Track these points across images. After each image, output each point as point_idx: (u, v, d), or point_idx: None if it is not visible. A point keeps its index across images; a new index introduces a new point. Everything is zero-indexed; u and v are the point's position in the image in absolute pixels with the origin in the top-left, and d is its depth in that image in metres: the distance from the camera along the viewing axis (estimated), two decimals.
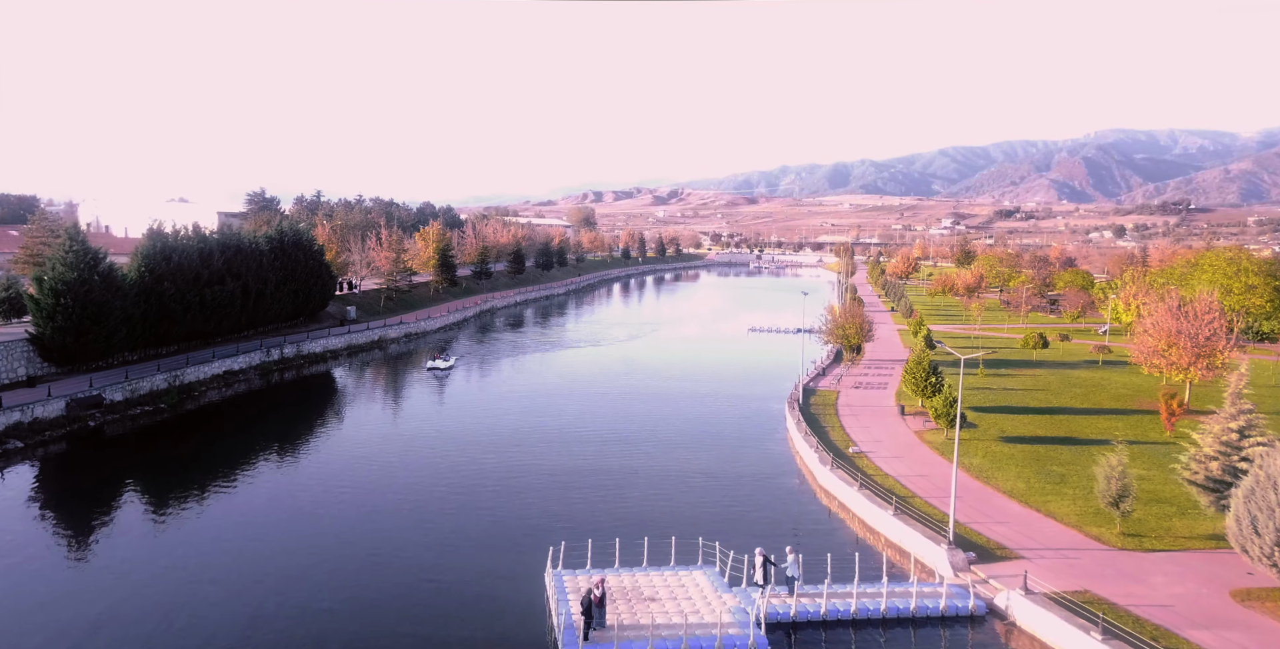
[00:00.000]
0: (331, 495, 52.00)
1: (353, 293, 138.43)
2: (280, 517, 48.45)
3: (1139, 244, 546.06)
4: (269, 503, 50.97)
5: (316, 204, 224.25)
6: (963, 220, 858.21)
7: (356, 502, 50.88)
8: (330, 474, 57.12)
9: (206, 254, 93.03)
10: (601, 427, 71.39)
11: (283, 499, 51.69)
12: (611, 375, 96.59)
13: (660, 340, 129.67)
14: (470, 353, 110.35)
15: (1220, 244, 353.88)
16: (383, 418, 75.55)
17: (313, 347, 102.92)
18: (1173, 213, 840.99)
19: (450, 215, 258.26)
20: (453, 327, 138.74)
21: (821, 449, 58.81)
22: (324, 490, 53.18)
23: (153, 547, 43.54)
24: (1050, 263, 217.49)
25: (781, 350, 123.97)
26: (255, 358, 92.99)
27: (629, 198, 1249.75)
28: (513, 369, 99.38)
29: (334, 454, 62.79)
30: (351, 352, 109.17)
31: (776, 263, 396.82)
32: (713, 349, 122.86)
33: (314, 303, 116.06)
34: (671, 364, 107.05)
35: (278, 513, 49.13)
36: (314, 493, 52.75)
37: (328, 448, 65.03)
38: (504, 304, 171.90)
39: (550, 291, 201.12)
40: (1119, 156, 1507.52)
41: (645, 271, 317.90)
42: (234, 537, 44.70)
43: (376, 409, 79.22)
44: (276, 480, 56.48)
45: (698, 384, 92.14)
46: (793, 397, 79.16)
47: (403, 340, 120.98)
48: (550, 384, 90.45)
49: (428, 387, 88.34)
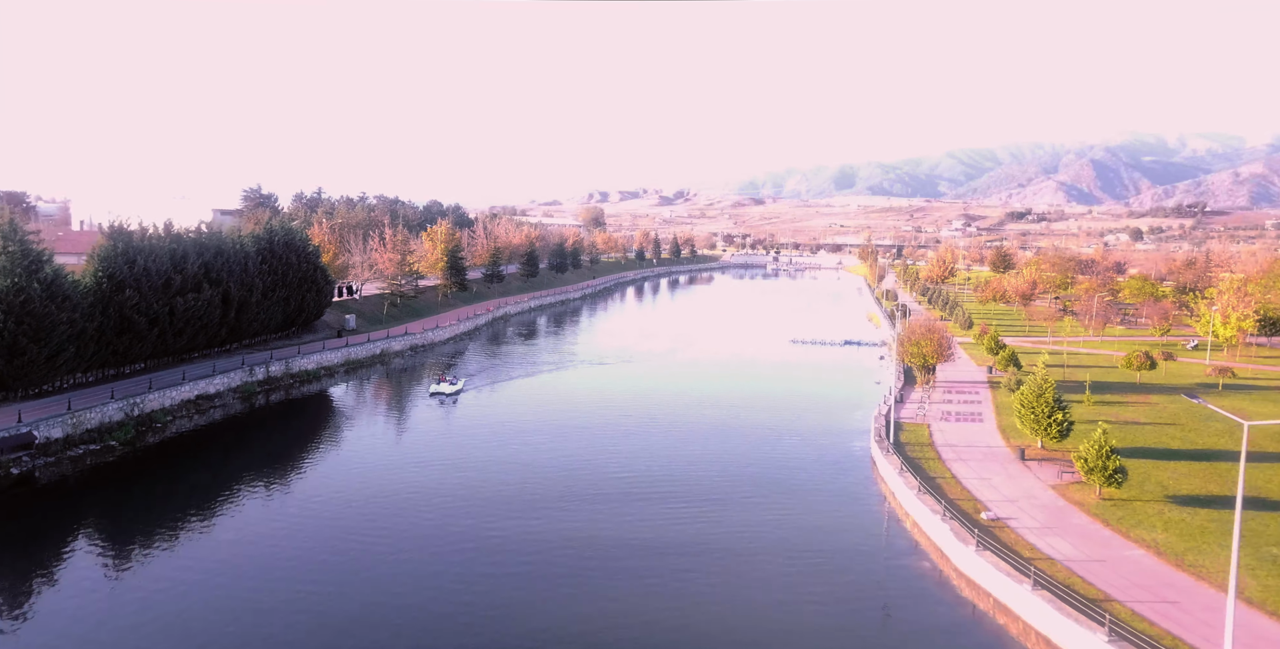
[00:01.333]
0: (297, 575, 38.76)
1: (352, 299, 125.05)
2: (240, 584, 38.71)
3: (1188, 247, 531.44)
4: (227, 564, 40.93)
5: (317, 201, 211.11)
6: (973, 222, 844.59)
7: (321, 588, 37.64)
8: (303, 538, 44.31)
9: (180, 257, 79.67)
10: (639, 477, 57.89)
11: (243, 563, 41.18)
12: (647, 403, 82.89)
13: (697, 355, 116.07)
14: (480, 372, 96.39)
15: (1247, 248, 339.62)
16: (373, 461, 61.76)
17: (304, 363, 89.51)
18: (1188, 215, 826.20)
19: (459, 214, 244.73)
20: (463, 337, 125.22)
21: (952, 516, 45.28)
22: (293, 557, 40.82)
23: (87, 620, 34.40)
24: (1103, 267, 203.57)
25: (833, 366, 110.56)
26: (235, 378, 79.56)
27: (635, 198, 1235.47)
28: (529, 395, 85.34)
29: (312, 509, 49.71)
30: (350, 368, 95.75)
31: (795, 265, 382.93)
32: (757, 365, 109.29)
33: (308, 311, 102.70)
34: (714, 386, 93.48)
35: (237, 579, 39.27)
36: (281, 559, 40.55)
37: (305, 498, 51.86)
38: (517, 310, 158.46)
39: (565, 296, 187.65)
40: (1127, 159, 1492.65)
41: (661, 274, 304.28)
42: (187, 606, 36.36)
43: (367, 448, 65.50)
44: (238, 538, 44.85)
45: (750, 413, 78.65)
46: (878, 432, 65.69)
47: (408, 354, 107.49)
48: (573, 415, 76.75)
49: (430, 417, 74.65)
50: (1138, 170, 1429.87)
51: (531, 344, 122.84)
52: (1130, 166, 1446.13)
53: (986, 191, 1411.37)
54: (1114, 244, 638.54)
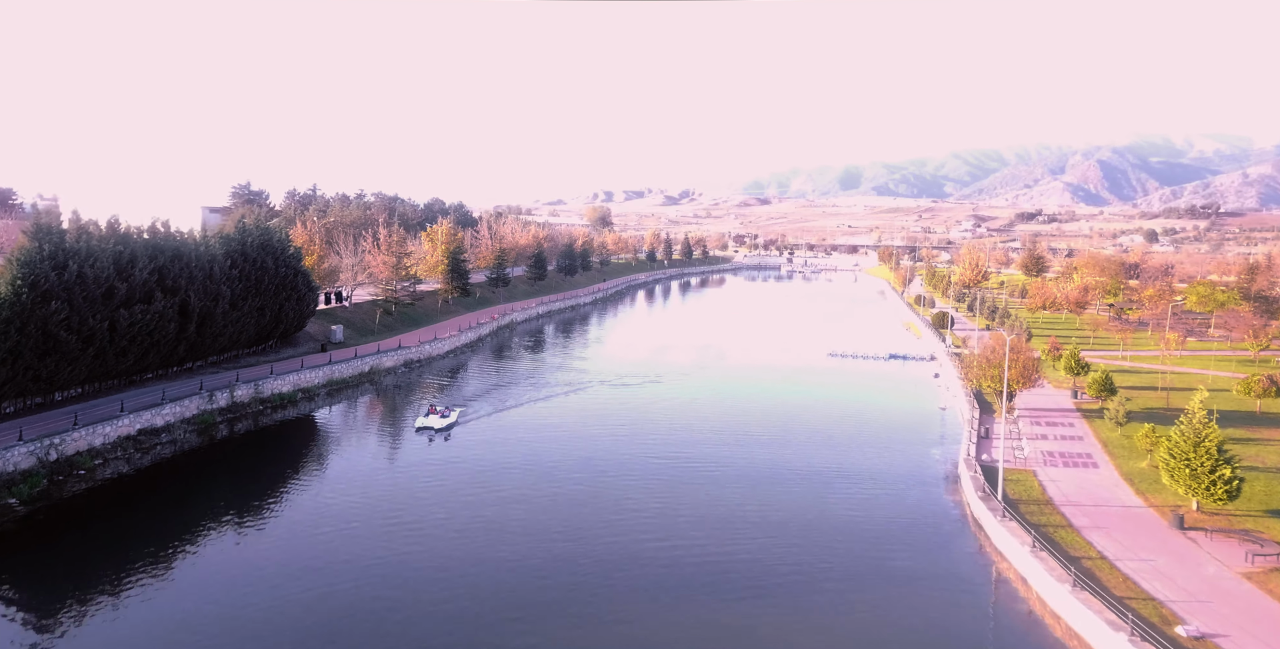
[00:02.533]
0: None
1: (341, 306, 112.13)
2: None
3: (1206, 249, 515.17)
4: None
5: (311, 199, 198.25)
6: (983, 223, 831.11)
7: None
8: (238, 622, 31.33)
9: (126, 261, 66.81)
10: (671, 551, 44.89)
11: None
12: (680, 440, 69.56)
13: (728, 371, 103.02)
14: (479, 396, 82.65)
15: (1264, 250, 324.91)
16: (336, 526, 48.83)
17: (278, 385, 76.56)
18: (1201, 217, 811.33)
19: (462, 213, 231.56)
20: (464, 349, 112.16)
21: (1141, 633, 32.28)
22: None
23: None
24: (1152, 272, 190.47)
25: (883, 385, 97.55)
26: (191, 406, 66.63)
27: (640, 198, 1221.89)
28: (537, 428, 71.39)
29: (247, 587, 36.66)
30: (332, 389, 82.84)
31: (810, 266, 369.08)
32: (798, 384, 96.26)
33: (287, 322, 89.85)
34: (756, 413, 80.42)
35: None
36: None
37: (241, 571, 38.77)
38: (524, 317, 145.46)
39: (576, 300, 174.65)
40: (1134, 160, 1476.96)
41: (673, 276, 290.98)
42: None
43: (332, 504, 52.35)
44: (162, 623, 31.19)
45: (806, 450, 65.76)
46: (977, 485, 52.72)
47: (400, 371, 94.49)
48: (591, 457, 63.42)
49: (414, 460, 60.88)
50: (1145, 171, 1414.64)
51: (540, 358, 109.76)
52: (1138, 167, 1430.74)
53: (993, 192, 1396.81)
54: (1128, 246, 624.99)
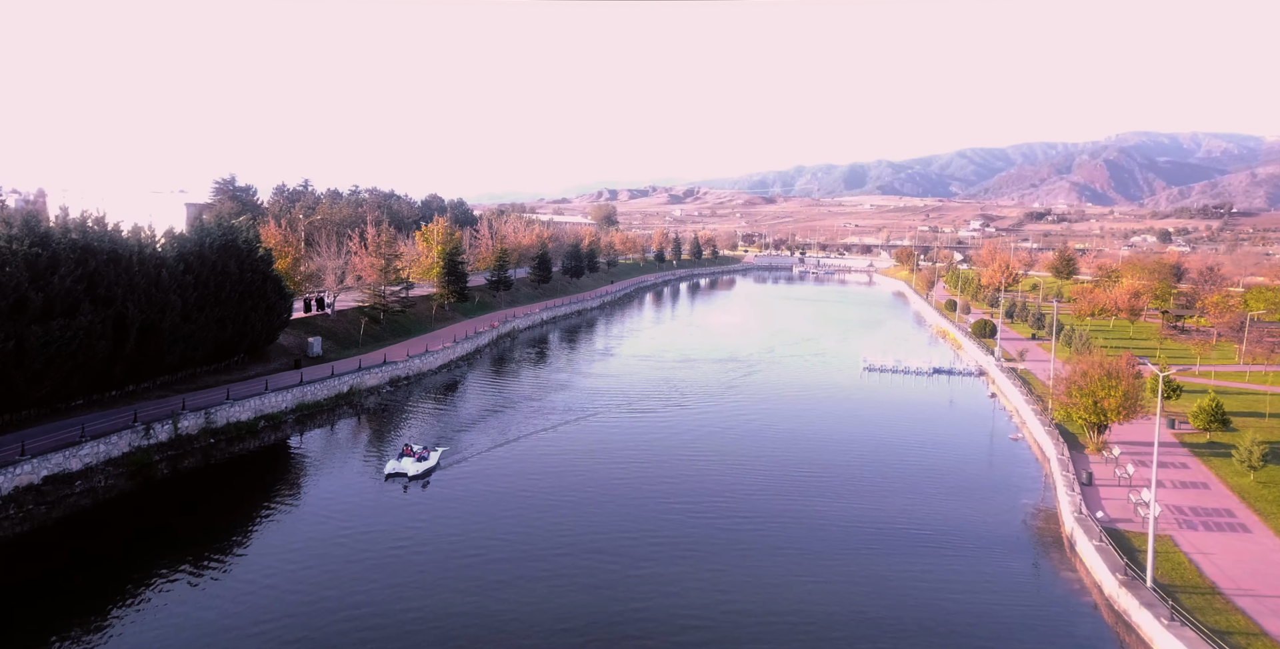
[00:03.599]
0: None
1: (323, 315, 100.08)
2: None
3: (1223, 249, 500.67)
4: None
5: (300, 194, 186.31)
6: (991, 222, 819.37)
7: None
8: None
9: (44, 266, 54.94)
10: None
11: None
12: (715, 489, 57.71)
13: (757, 390, 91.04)
14: (470, 426, 69.88)
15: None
16: (260, 618, 36.93)
17: (235, 412, 64.60)
18: (1213, 216, 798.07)
19: (462, 210, 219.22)
20: (459, 363, 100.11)
21: None
22: None
23: None
24: (1197, 274, 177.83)
25: (934, 408, 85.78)
26: (120, 443, 54.70)
27: (644, 196, 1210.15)
28: (535, 471, 58.23)
29: None
30: (303, 414, 70.85)
31: (822, 267, 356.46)
32: (838, 408, 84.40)
33: (254, 335, 77.90)
34: (799, 446, 68.58)
35: None
36: None
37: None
38: (527, 324, 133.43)
39: (582, 304, 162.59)
40: (1141, 159, 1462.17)
41: (683, 277, 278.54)
42: None
43: (265, 586, 40.52)
44: None
45: (868, 500, 54.08)
46: (1106, 557, 40.84)
47: (385, 390, 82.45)
48: (600, 510, 51.65)
49: (379, 519, 48.58)
50: (1152, 171, 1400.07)
51: (544, 374, 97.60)
52: (1145, 167, 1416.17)
53: (998, 191, 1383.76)
54: (1141, 246, 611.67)
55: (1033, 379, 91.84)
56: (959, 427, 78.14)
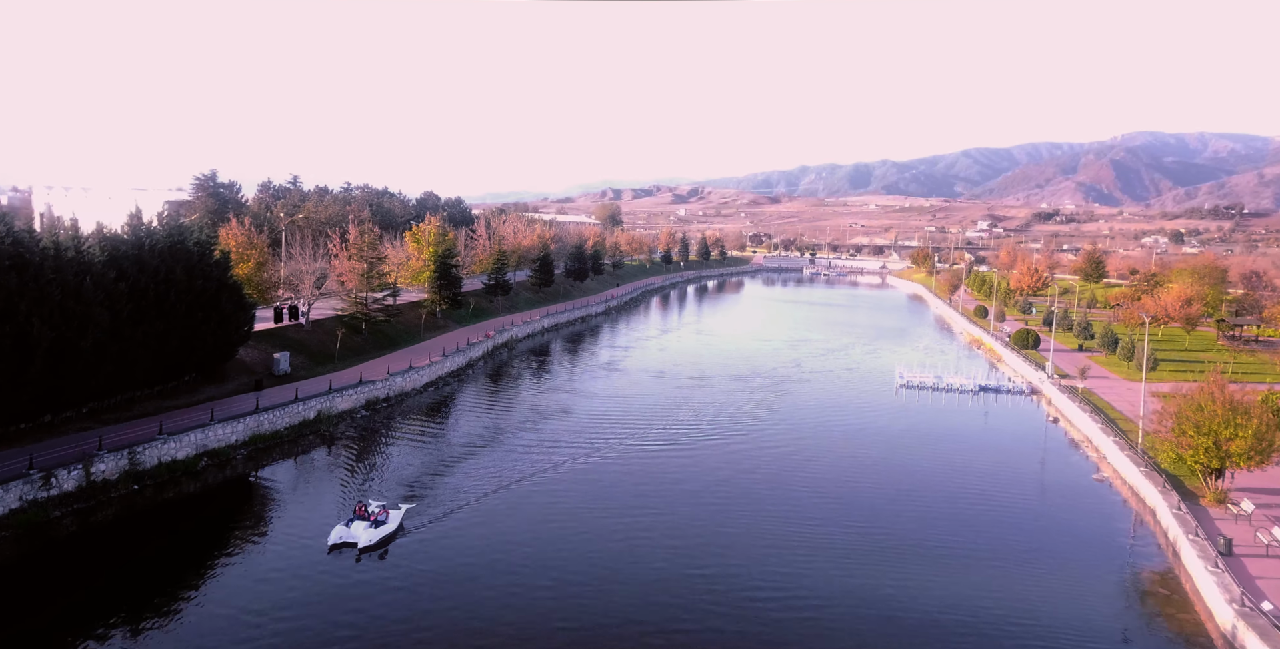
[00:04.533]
0: None
1: (297, 325, 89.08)
2: None
3: (1238, 251, 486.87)
4: None
5: (286, 191, 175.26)
6: (999, 223, 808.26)
7: None
8: None
9: None
10: None
11: None
12: (740, 560, 47.14)
13: (788, 415, 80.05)
14: (446, 467, 58.01)
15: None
16: None
17: (171, 449, 53.67)
18: (1225, 217, 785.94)
19: (459, 209, 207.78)
20: (448, 379, 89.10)
21: None
22: None
23: None
24: (1245, 278, 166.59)
25: (991, 437, 74.39)
26: (8, 497, 43.78)
27: (648, 195, 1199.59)
28: (526, 535, 46.47)
29: None
30: (257, 449, 59.91)
31: (834, 269, 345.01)
32: (879, 436, 73.34)
33: (205, 352, 66.97)
34: (837, 494, 57.78)
35: None
36: None
37: None
38: (526, 332, 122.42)
39: (587, 310, 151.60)
40: (1148, 159, 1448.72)
41: (690, 279, 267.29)
42: None
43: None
44: None
45: (950, 575, 42.95)
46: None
47: (360, 415, 71.39)
48: (610, 594, 41.02)
49: (316, 612, 37.74)
50: (1158, 171, 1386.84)
51: (544, 394, 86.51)
52: (1151, 167, 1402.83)
53: (1004, 191, 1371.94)
54: (1153, 247, 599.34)
55: (1100, 402, 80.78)
56: (1023, 461, 67.18)
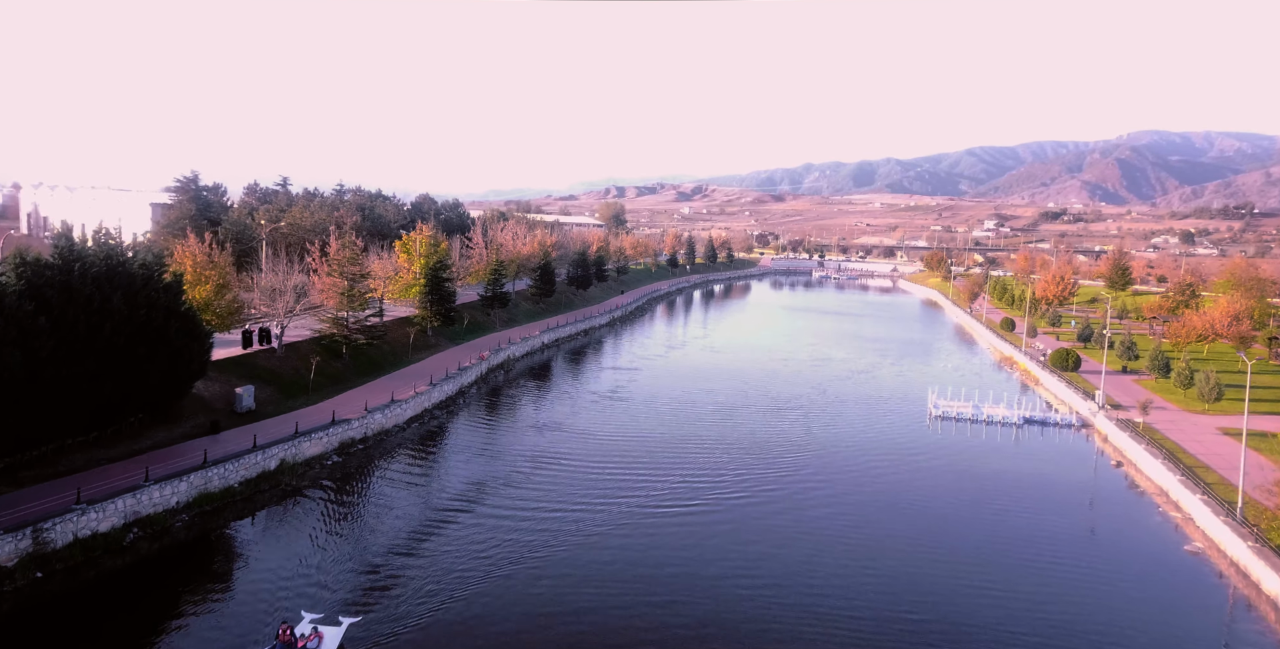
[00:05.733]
0: None
1: (269, 350, 79.99)
2: None
3: (1252, 252, 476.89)
4: None
5: (274, 194, 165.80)
6: (1006, 222, 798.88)
7: None
8: None
9: None
10: None
11: None
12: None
13: (812, 459, 71.09)
14: (414, 546, 47.36)
15: None
16: None
17: (91, 521, 44.66)
18: (1234, 217, 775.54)
19: (455, 213, 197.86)
20: (435, 411, 79.97)
21: None
22: None
23: None
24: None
25: (1048, 487, 64.24)
26: None
27: (652, 194, 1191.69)
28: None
29: None
30: (206, 511, 50.93)
31: (844, 272, 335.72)
32: (904, 474, 64.28)
33: (149, 391, 57.99)
34: (892, 574, 48.79)
35: None
36: None
37: None
38: (524, 350, 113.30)
39: (590, 321, 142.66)
40: (1153, 158, 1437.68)
41: (697, 283, 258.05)
42: None
43: None
44: None
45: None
46: None
47: (332, 461, 62.29)
48: None
49: None
50: (1164, 170, 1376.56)
51: (542, 432, 76.73)
52: (1157, 166, 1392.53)
53: (1009, 190, 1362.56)
54: (1164, 248, 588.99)
55: (1168, 444, 71.61)
56: (1093, 520, 58.21)
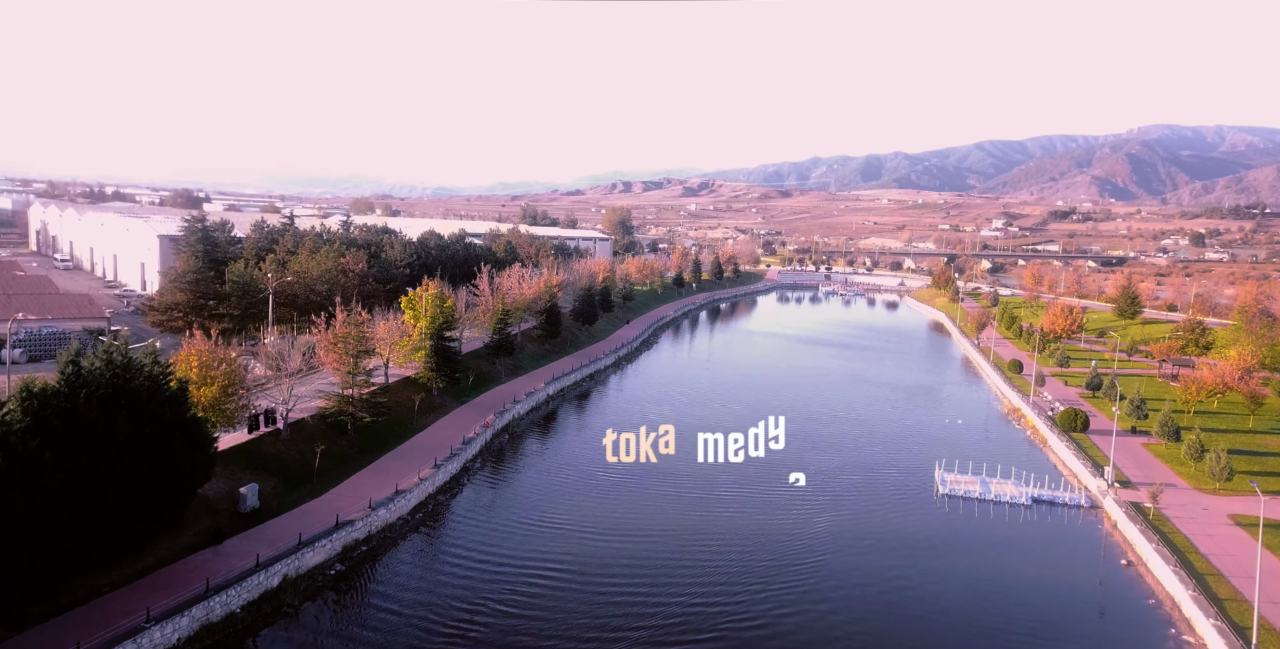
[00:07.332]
0: None
1: (274, 433, 79.58)
2: None
3: (1264, 256, 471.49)
4: None
5: (281, 233, 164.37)
6: (1014, 221, 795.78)
7: None
8: None
9: None
10: None
11: None
12: None
13: (827, 546, 70.74)
14: None
15: None
16: None
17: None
18: (1246, 217, 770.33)
19: (462, 245, 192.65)
20: (439, 495, 79.58)
21: None
22: None
23: None
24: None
25: (1044, 585, 62.34)
26: None
27: (659, 189, 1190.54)
28: None
29: None
30: (206, 647, 50.84)
31: (851, 287, 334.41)
32: (912, 576, 63.80)
33: (151, 510, 57.70)
34: None
35: None
36: None
37: None
38: (528, 407, 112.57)
39: (595, 364, 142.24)
40: (1164, 153, 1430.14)
41: (704, 303, 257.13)
42: None
43: None
44: None
45: None
46: None
47: (335, 569, 61.86)
48: None
49: None
50: (1175, 165, 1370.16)
51: (542, 514, 76.35)
52: (1167, 161, 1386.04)
53: (1017, 185, 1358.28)
54: (1174, 251, 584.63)
55: (1179, 540, 71.00)
56: (1099, 632, 57.79)
